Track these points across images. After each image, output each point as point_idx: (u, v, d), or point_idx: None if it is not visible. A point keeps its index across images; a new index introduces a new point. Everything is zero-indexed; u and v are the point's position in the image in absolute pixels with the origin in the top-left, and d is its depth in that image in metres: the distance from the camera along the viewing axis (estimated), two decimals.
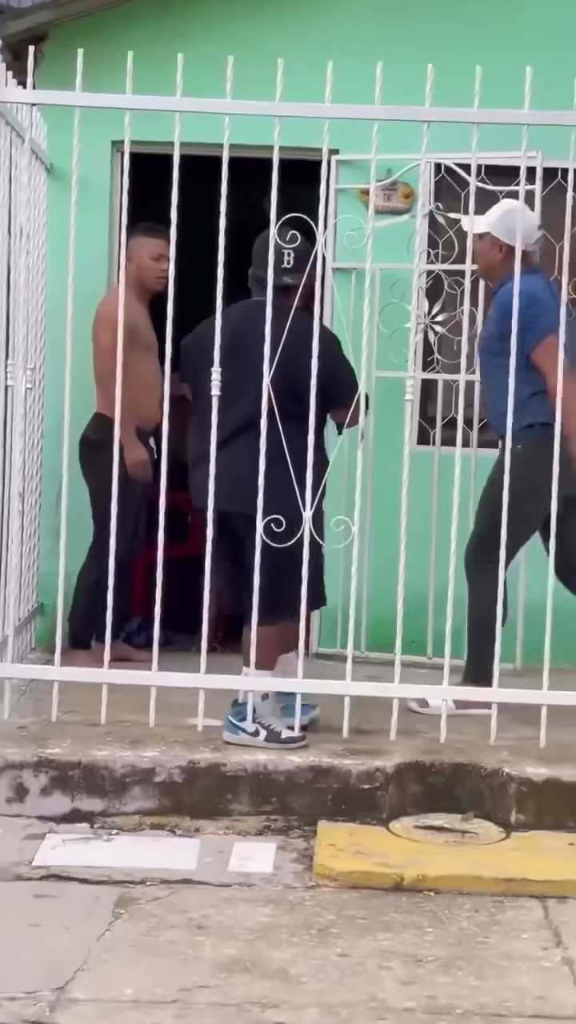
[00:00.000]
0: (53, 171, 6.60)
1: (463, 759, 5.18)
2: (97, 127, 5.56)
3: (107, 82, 5.28)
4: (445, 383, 6.80)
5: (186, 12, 7.02)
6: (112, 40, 6.31)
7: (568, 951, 4.05)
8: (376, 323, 6.38)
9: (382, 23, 7.00)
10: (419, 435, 6.96)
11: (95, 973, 3.79)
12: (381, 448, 6.31)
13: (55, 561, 5.42)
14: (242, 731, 5.24)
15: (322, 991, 3.71)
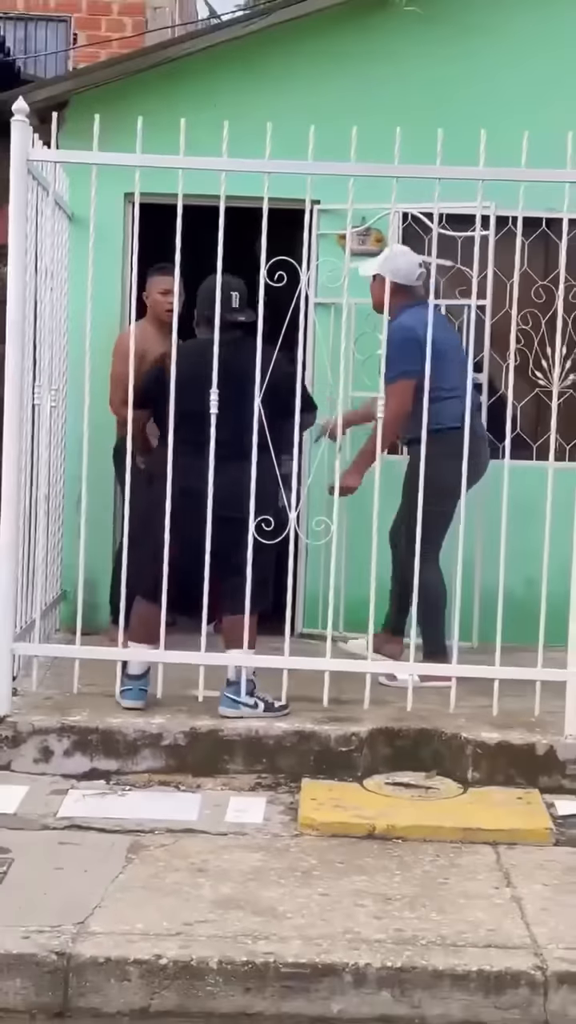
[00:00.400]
0: (74, 219, 6.58)
1: (427, 725, 5.19)
2: (112, 181, 5.55)
3: (121, 142, 5.28)
4: None
5: (190, 82, 7.00)
6: (125, 106, 6.30)
7: (516, 890, 4.07)
8: (352, 351, 6.37)
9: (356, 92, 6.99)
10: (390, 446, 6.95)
11: (110, 910, 3.80)
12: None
13: (76, 554, 5.42)
14: (243, 705, 5.24)
15: (305, 925, 3.73)
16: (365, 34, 7.13)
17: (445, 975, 3.50)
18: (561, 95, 6.93)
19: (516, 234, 5.37)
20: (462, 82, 7.06)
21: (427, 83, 7.04)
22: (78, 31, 11.84)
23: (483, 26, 7.12)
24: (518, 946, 3.64)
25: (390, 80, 7.07)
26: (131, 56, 7.26)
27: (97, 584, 6.49)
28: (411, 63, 7.10)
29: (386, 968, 3.51)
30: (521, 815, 4.70)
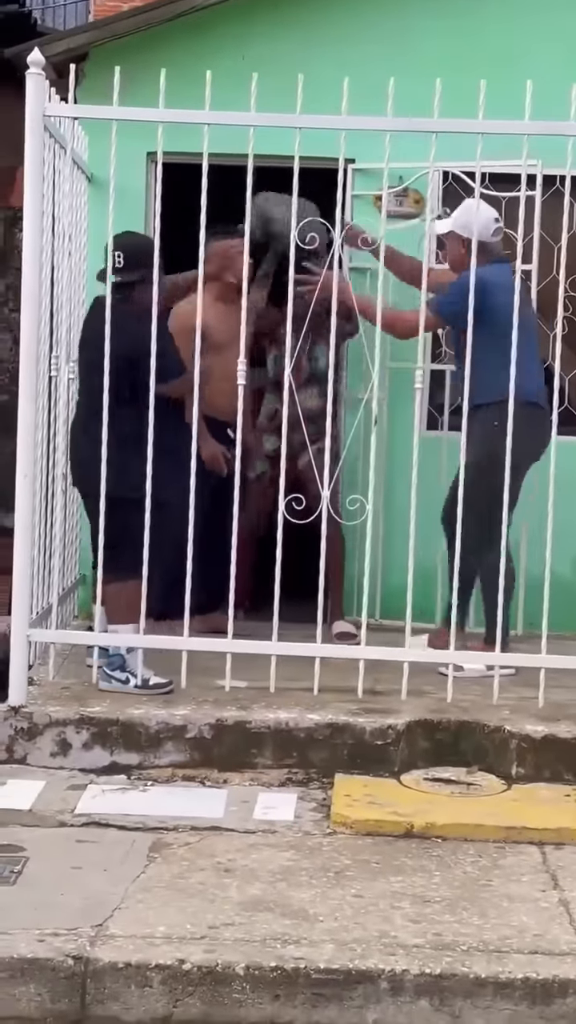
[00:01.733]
0: (93, 180, 6.55)
1: (468, 717, 5.15)
2: (133, 139, 5.53)
3: (143, 98, 5.24)
4: (451, 373, 6.75)
5: (214, 33, 6.96)
6: (147, 59, 6.26)
7: (564, 893, 4.02)
8: None
9: (394, 43, 6.93)
10: (428, 421, 6.91)
11: (131, 911, 3.78)
12: (394, 433, 6.28)
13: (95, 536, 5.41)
14: (115, 680, 5.30)
15: (338, 929, 3.70)
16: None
17: (488, 983, 3.46)
18: None
19: (564, 194, 5.30)
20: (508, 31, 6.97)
21: (470, 33, 6.95)
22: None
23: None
24: (566, 952, 3.60)
25: (430, 30, 6.99)
26: (155, 6, 7.18)
27: None
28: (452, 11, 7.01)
29: (424, 975, 3.47)
30: (569, 813, 4.66)
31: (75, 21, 11.12)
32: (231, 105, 5.18)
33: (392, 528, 6.16)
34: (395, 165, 5.50)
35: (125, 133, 5.27)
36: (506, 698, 5.28)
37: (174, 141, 5.27)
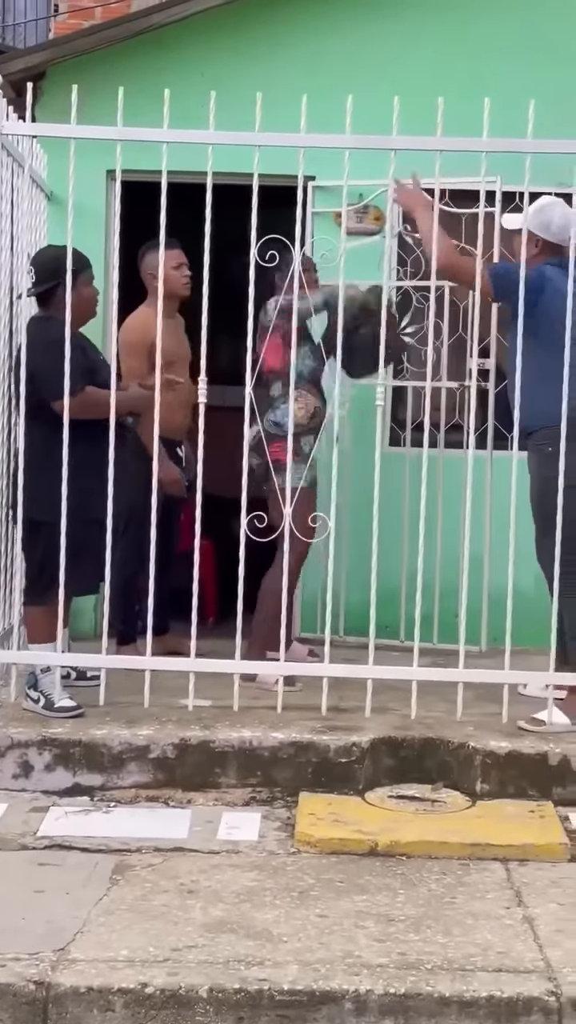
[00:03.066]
0: (52, 197, 6.55)
1: (432, 734, 5.14)
2: (92, 157, 5.52)
3: (102, 115, 5.23)
4: (414, 390, 6.77)
5: (174, 51, 6.98)
6: (107, 77, 6.26)
7: (528, 910, 4.02)
8: None
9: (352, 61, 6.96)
10: (391, 438, 6.93)
11: (93, 935, 3.75)
12: (356, 450, 6.27)
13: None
14: (30, 699, 5.29)
15: (302, 949, 3.68)
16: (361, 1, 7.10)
17: (452, 1001, 3.45)
18: (570, 62, 6.88)
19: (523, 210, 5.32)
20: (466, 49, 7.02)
21: (429, 51, 7.00)
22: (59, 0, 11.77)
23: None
24: (530, 970, 3.59)
25: (388, 49, 7.03)
26: (114, 24, 7.21)
27: None
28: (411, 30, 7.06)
29: (389, 995, 3.45)
30: (533, 829, 4.65)
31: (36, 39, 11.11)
32: (191, 123, 5.18)
33: (355, 545, 6.15)
34: (355, 182, 5.52)
35: (84, 151, 5.26)
36: (470, 714, 5.28)
37: (133, 159, 5.27)
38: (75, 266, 5.27)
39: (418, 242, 6.77)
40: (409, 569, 5.94)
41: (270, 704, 5.28)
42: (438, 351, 6.02)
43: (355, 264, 5.87)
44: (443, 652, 6.04)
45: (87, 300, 5.44)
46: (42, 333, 5.27)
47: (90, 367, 5.32)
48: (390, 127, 5.10)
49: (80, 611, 6.48)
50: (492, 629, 6.33)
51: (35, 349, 5.19)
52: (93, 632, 6.64)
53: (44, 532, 5.19)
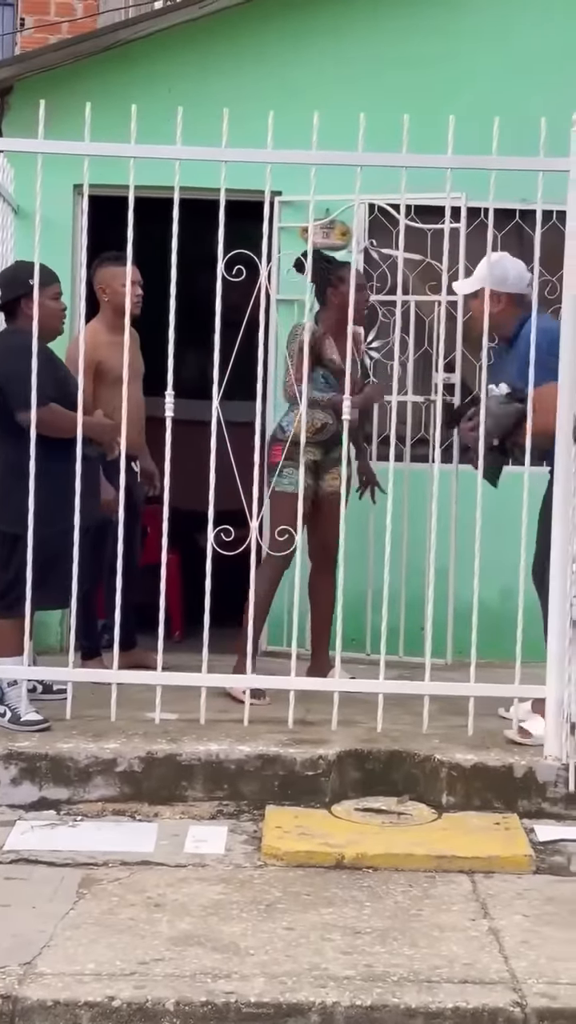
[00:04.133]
0: (19, 212, 6.54)
1: (398, 747, 5.16)
2: (60, 171, 5.51)
3: (70, 130, 5.23)
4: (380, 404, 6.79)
5: (141, 66, 7.01)
6: (74, 92, 6.26)
7: (494, 921, 4.03)
8: None
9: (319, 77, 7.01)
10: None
11: (60, 949, 3.74)
12: None
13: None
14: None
15: (269, 962, 3.68)
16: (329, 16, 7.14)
17: (418, 1013, 3.45)
18: (536, 80, 6.95)
19: (488, 226, 5.35)
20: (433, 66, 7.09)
21: (396, 67, 7.06)
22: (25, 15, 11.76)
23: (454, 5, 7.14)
24: (496, 981, 3.60)
25: (355, 64, 7.08)
26: (80, 39, 7.23)
27: None
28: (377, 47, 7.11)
29: (355, 1007, 3.46)
30: (499, 841, 4.67)
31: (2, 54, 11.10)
32: (158, 138, 5.19)
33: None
34: (321, 197, 5.53)
35: (51, 165, 5.26)
36: (436, 727, 5.29)
37: (101, 174, 5.28)
38: (40, 280, 5.28)
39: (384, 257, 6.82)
40: (375, 582, 5.97)
41: (237, 717, 5.29)
42: (404, 365, 6.05)
43: None
44: (409, 665, 6.05)
45: (53, 314, 5.45)
46: (7, 343, 5.28)
47: (60, 380, 5.32)
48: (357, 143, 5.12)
49: (46, 625, 6.47)
50: (457, 642, 6.36)
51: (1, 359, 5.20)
52: (59, 646, 6.64)
53: (16, 545, 5.19)
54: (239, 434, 5.36)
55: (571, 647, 5.03)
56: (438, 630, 6.08)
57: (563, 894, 4.28)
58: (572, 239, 5.02)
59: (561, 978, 3.62)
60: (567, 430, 5.01)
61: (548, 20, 7.15)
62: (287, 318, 6.62)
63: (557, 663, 5.06)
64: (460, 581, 6.17)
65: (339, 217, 6.77)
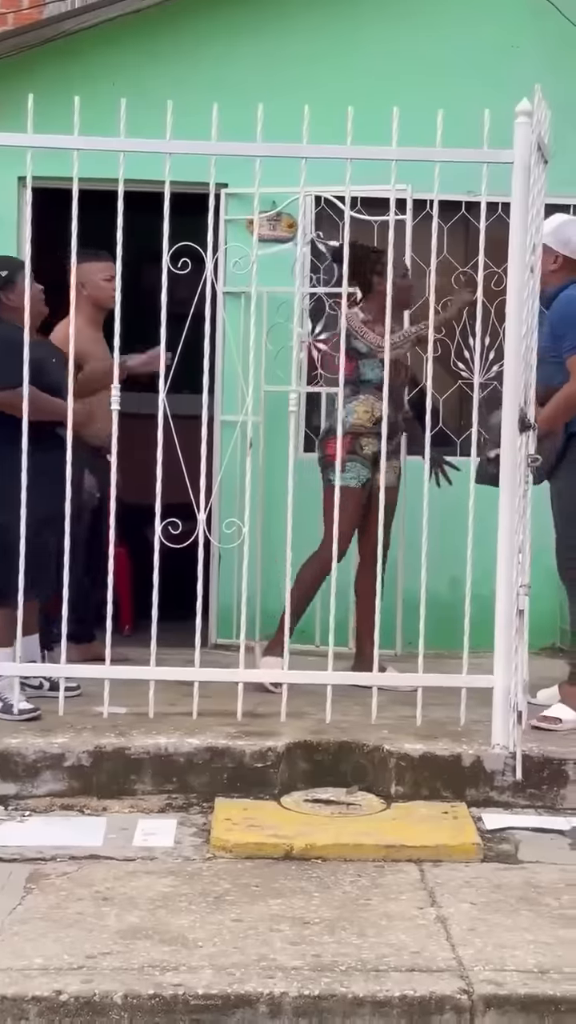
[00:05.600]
0: None
1: (347, 738, 5.17)
2: (4, 164, 5.51)
3: (14, 122, 5.23)
4: (328, 396, 6.81)
5: (85, 58, 6.98)
6: (18, 84, 6.26)
7: (441, 910, 4.05)
8: (264, 342, 6.37)
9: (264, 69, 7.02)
10: (305, 444, 6.96)
11: (7, 944, 3.72)
12: (270, 456, 6.31)
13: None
14: None
15: (217, 954, 3.68)
16: (273, 8, 7.14)
17: (366, 1002, 3.47)
18: (477, 72, 6.98)
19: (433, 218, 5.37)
20: (376, 59, 7.10)
21: (339, 60, 7.07)
22: None
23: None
24: (443, 969, 3.62)
25: (299, 57, 7.10)
26: (25, 30, 7.18)
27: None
28: (322, 39, 7.12)
29: (303, 997, 3.47)
30: (447, 830, 4.70)
31: None
32: (103, 130, 5.18)
33: (269, 550, 6.18)
34: (267, 190, 5.54)
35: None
36: (385, 717, 5.31)
37: (45, 166, 5.25)
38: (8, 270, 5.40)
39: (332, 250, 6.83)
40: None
41: (186, 710, 5.28)
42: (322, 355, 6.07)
43: (269, 272, 5.92)
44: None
45: (34, 298, 5.43)
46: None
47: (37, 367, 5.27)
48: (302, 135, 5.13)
49: None
50: (407, 633, 6.38)
51: None
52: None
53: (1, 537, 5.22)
54: (186, 427, 5.35)
55: (517, 636, 5.07)
56: (387, 621, 6.11)
57: (510, 882, 4.30)
58: (516, 231, 5.05)
59: (507, 965, 3.64)
60: (512, 420, 5.04)
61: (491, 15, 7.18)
62: (234, 311, 6.62)
63: (504, 652, 5.09)
64: (408, 572, 6.19)
65: (285, 209, 6.77)
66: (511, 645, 5.08)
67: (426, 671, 5.27)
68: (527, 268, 5.04)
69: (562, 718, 5.42)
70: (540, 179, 5.09)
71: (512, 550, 5.06)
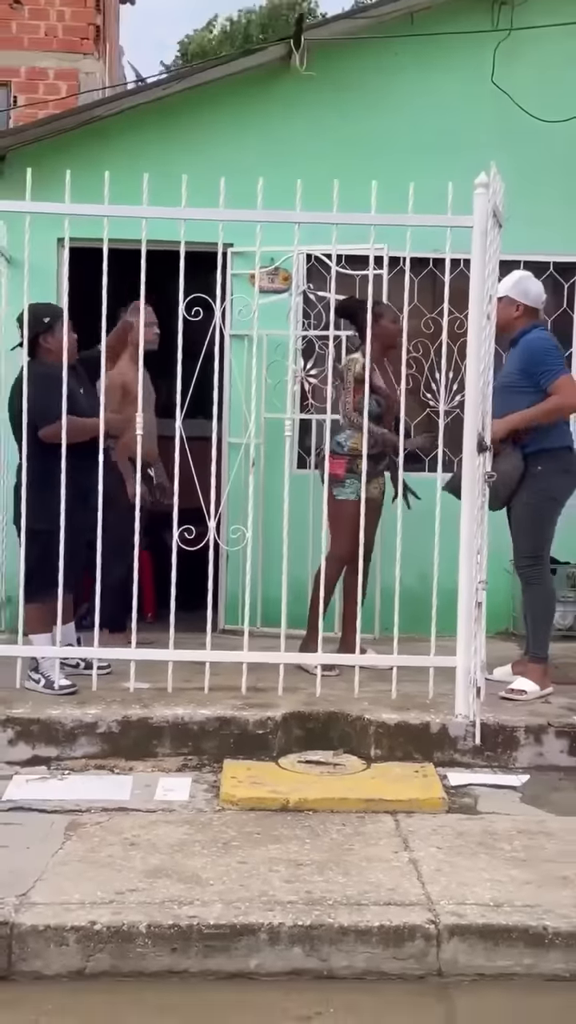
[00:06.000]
0: (12, 262, 6.52)
1: (334, 708, 5.18)
2: (46, 227, 5.51)
3: (54, 192, 5.20)
4: (317, 422, 6.82)
5: (115, 139, 7.00)
6: (57, 160, 6.25)
7: (413, 853, 4.06)
8: (264, 377, 6.38)
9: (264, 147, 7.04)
10: (298, 462, 6.98)
11: (50, 883, 3.74)
12: (268, 472, 6.32)
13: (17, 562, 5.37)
14: (32, 680, 5.35)
15: (225, 891, 3.70)
16: (269, 96, 7.17)
17: (350, 931, 3.49)
18: (442, 147, 6.99)
19: (405, 272, 5.39)
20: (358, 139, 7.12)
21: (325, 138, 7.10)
22: (17, 94, 11.72)
23: (372, 87, 7.21)
24: (414, 903, 3.64)
25: (293, 135, 7.12)
26: (62, 115, 7.20)
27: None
28: (310, 121, 7.15)
29: (297, 926, 3.49)
30: (418, 787, 4.71)
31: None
32: (128, 199, 5.19)
33: (269, 551, 6.19)
34: (266, 248, 5.56)
35: (38, 222, 5.25)
36: (365, 692, 5.32)
37: (80, 229, 5.28)
38: (57, 317, 5.36)
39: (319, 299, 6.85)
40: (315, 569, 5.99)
41: (199, 686, 5.29)
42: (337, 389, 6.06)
43: (268, 318, 5.93)
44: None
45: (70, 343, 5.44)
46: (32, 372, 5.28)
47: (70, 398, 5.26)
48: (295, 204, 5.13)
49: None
50: (384, 619, 6.39)
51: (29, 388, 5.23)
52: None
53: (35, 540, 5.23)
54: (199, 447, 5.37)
55: (476, 624, 5.08)
56: (367, 609, 6.11)
57: (470, 829, 4.32)
58: (475, 284, 5.06)
59: (468, 899, 3.66)
60: (471, 443, 5.05)
61: (454, 102, 7.20)
62: (239, 350, 6.64)
63: (465, 637, 5.10)
64: (385, 568, 6.20)
65: (282, 265, 6.78)
66: (471, 631, 5.09)
67: (400, 653, 5.28)
68: (484, 315, 5.06)
69: (526, 690, 5.44)
70: (495, 241, 5.10)
71: (472, 551, 5.07)
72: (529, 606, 5.64)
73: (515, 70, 7.13)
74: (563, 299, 7.29)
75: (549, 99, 7.13)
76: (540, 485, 5.45)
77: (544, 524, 5.51)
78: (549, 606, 5.62)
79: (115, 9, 13.06)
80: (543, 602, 5.57)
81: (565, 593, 6.89)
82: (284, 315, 6.42)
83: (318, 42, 7.05)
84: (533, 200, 6.93)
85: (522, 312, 5.58)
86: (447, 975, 3.47)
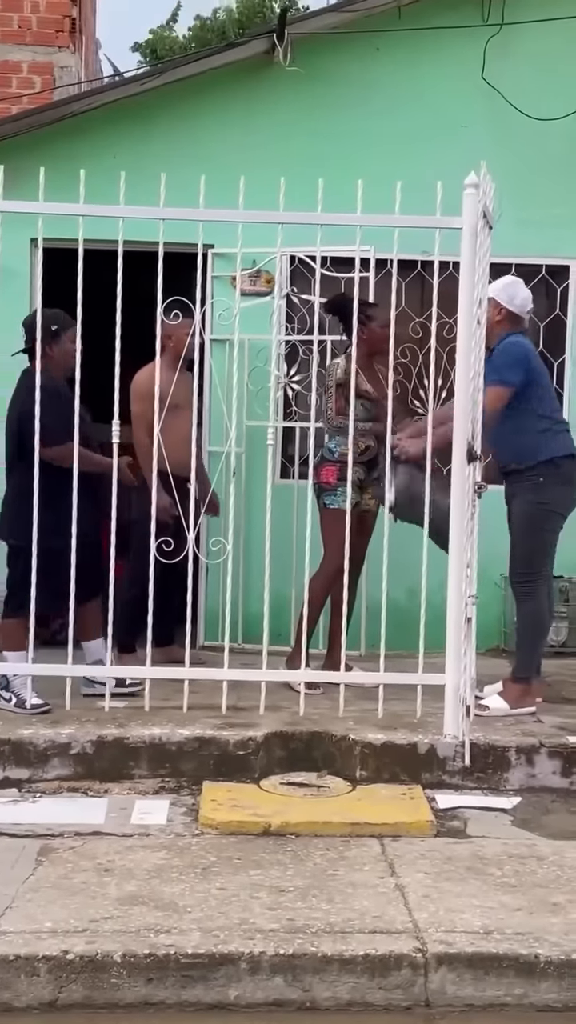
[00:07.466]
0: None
1: (318, 728, 5.18)
2: (18, 227, 5.52)
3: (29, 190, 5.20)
4: (301, 430, 6.84)
5: (89, 135, 7.00)
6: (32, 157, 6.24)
7: (400, 879, 4.06)
8: (245, 383, 6.40)
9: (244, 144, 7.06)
10: (281, 471, 6.98)
11: (21, 910, 3.72)
12: (250, 482, 6.33)
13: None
14: (3, 699, 5.35)
15: (204, 918, 3.69)
16: (251, 92, 7.19)
17: (333, 960, 3.48)
18: (431, 148, 7.02)
19: (392, 275, 5.41)
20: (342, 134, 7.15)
21: (309, 135, 7.12)
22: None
23: (358, 82, 7.23)
24: (400, 931, 3.63)
25: (276, 132, 7.14)
26: (37, 111, 7.21)
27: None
28: (294, 117, 7.17)
29: (279, 955, 3.48)
30: (405, 809, 4.71)
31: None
32: (105, 198, 5.20)
33: (250, 564, 6.20)
34: (248, 250, 5.57)
35: (10, 222, 5.26)
36: (351, 710, 5.32)
37: (55, 229, 5.28)
38: (63, 324, 5.40)
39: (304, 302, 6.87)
40: (298, 584, 5.99)
41: (177, 704, 5.29)
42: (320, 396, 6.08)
43: (250, 321, 5.94)
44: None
45: (70, 354, 5.41)
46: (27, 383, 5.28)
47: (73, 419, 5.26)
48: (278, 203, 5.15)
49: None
50: (370, 636, 6.39)
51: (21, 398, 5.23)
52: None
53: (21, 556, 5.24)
54: None
55: (466, 640, 5.09)
56: (353, 625, 6.12)
57: (459, 854, 4.32)
58: (465, 287, 5.09)
59: (457, 927, 3.66)
60: (462, 452, 5.07)
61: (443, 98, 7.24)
62: (219, 356, 6.64)
63: (454, 654, 5.11)
64: (372, 583, 6.20)
65: (264, 267, 6.80)
66: (460, 648, 5.10)
67: (386, 670, 5.29)
68: (474, 319, 5.08)
69: (490, 707, 5.47)
70: (486, 243, 5.13)
71: (461, 565, 5.09)
72: (519, 622, 5.66)
73: (506, 66, 7.17)
74: (555, 303, 7.32)
75: (542, 96, 7.17)
76: (536, 496, 5.46)
77: (538, 536, 5.52)
78: (540, 624, 5.62)
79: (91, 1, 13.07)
80: (533, 620, 5.58)
81: (557, 608, 6.91)
82: (267, 319, 6.43)
83: (302, 36, 7.08)
84: (525, 201, 6.97)
85: (503, 317, 5.59)
86: (435, 1006, 3.47)
